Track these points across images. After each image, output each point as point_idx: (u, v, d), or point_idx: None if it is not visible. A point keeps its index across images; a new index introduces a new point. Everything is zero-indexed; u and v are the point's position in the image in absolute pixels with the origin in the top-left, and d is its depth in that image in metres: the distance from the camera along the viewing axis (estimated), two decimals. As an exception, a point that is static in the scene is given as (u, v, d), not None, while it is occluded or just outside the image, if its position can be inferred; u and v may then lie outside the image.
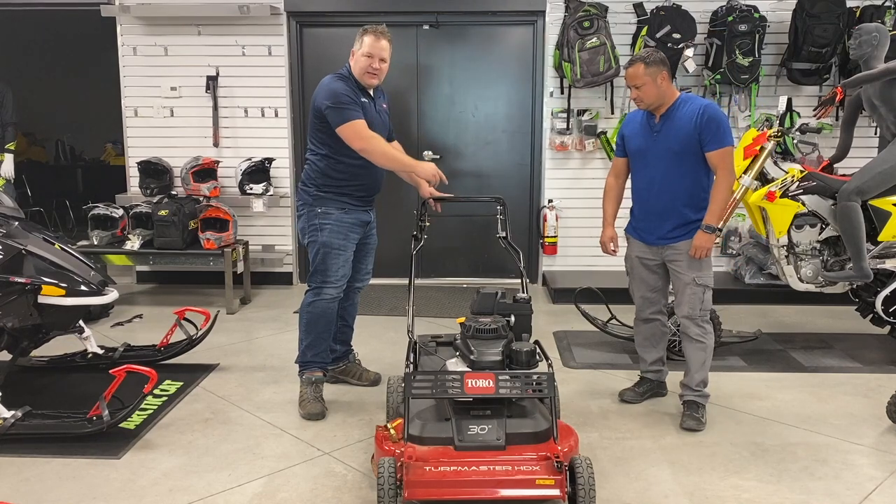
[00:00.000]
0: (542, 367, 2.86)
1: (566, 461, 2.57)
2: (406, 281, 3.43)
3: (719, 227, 3.44)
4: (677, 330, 4.23)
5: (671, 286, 3.68)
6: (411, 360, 3.01)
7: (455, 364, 2.94)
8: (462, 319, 3.05)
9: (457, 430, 2.66)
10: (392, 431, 2.74)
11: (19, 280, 3.35)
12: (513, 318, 3.08)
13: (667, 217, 3.48)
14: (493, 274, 6.45)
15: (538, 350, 2.91)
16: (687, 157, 3.40)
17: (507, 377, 2.72)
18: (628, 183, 3.71)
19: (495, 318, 2.97)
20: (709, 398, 3.55)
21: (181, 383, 3.94)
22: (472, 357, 2.83)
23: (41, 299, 3.41)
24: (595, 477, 2.56)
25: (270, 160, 5.97)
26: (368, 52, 3.52)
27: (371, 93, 3.64)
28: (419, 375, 2.76)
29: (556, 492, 2.49)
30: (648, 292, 3.67)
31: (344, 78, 3.56)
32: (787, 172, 4.34)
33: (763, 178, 4.35)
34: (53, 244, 3.64)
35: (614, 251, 3.75)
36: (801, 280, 4.42)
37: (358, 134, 3.44)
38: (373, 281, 6.16)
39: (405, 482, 2.46)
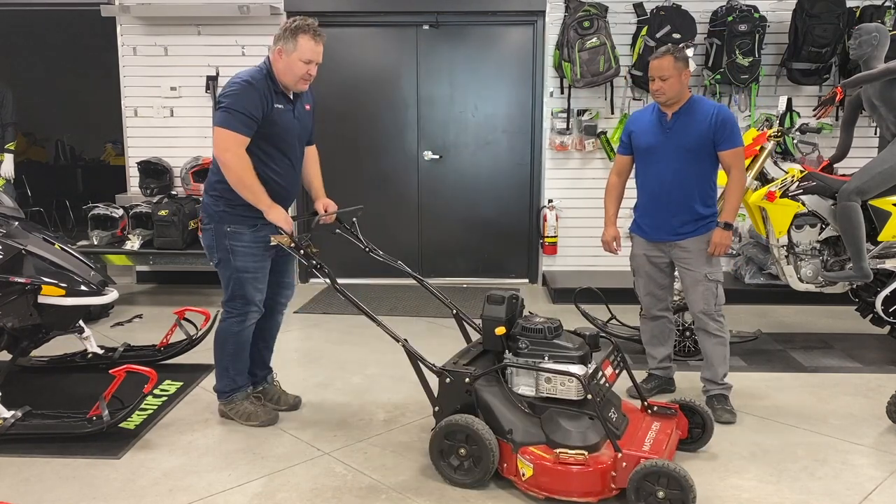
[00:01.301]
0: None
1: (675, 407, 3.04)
2: (406, 281, 3.38)
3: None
4: (680, 331, 4.24)
5: (677, 283, 3.72)
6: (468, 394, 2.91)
7: (557, 366, 2.85)
8: (502, 330, 2.97)
9: (610, 423, 2.77)
10: (577, 452, 2.66)
11: (19, 280, 3.34)
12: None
13: (677, 212, 3.52)
14: (493, 274, 6.46)
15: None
16: (700, 155, 3.47)
17: (613, 361, 3.04)
18: (630, 182, 3.72)
19: (545, 317, 3.02)
20: (731, 388, 3.65)
21: (181, 383, 3.94)
22: (575, 353, 2.87)
23: (41, 299, 3.41)
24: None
25: (270, 160, 5.97)
26: (307, 58, 3.16)
27: (291, 95, 3.30)
28: (591, 379, 2.78)
29: (679, 434, 3.02)
30: (656, 289, 3.70)
31: (260, 76, 3.18)
32: (787, 172, 4.34)
33: (763, 178, 4.35)
34: (53, 244, 3.63)
35: (617, 250, 3.76)
36: (801, 280, 4.42)
37: (226, 145, 3.09)
38: (374, 281, 6.22)
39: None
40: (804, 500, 2.81)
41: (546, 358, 2.89)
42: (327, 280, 3.20)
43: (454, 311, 3.35)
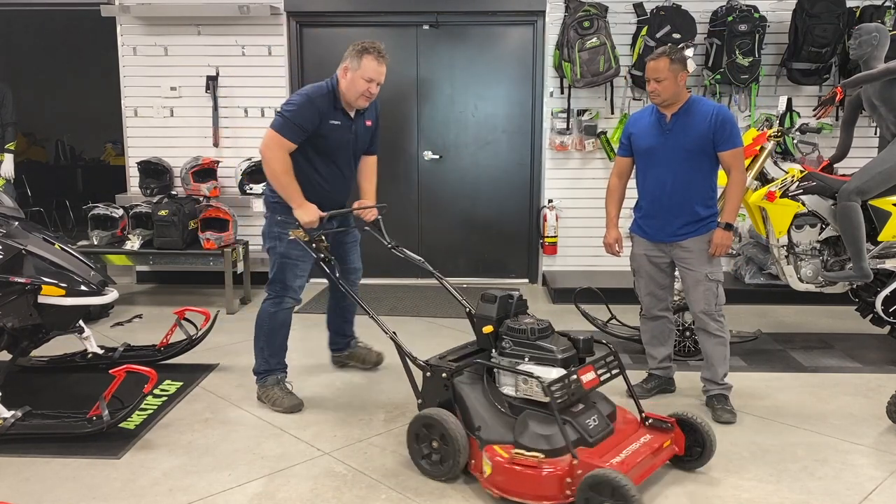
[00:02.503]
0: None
1: (672, 421, 2.90)
2: (406, 281, 3.40)
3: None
4: (680, 331, 4.24)
5: (677, 283, 3.72)
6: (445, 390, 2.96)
7: (533, 368, 2.83)
8: (490, 329, 2.98)
9: (582, 429, 2.73)
10: (533, 454, 2.64)
11: (19, 280, 3.34)
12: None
13: (678, 214, 3.52)
14: (493, 274, 6.46)
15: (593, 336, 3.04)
16: (699, 156, 3.47)
17: (598, 366, 2.91)
18: (630, 183, 3.72)
19: (535, 318, 2.98)
20: (731, 388, 3.63)
21: (181, 383, 3.94)
22: (555, 355, 2.82)
23: (41, 299, 3.41)
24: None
25: (270, 160, 5.97)
26: (369, 77, 3.42)
27: (353, 112, 3.58)
28: (556, 384, 2.69)
29: (673, 449, 2.90)
30: (656, 289, 3.70)
31: (323, 93, 3.48)
32: (787, 172, 4.34)
33: (763, 178, 4.35)
34: (53, 244, 3.63)
35: (619, 252, 3.77)
36: (801, 280, 4.42)
37: (273, 145, 3.41)
38: (375, 281, 6.22)
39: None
40: (804, 500, 2.81)
41: (526, 359, 2.87)
42: (333, 273, 3.46)
43: (467, 310, 3.35)
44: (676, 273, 3.69)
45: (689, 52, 5.65)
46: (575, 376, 2.79)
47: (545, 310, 5.60)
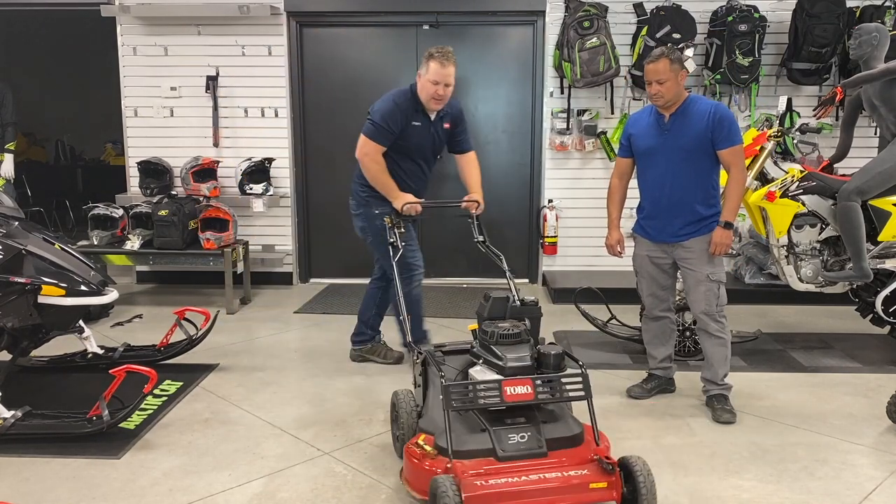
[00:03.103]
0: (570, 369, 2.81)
1: (614, 462, 2.53)
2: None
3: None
4: (680, 331, 4.24)
5: (679, 284, 3.71)
6: (419, 374, 3.01)
7: (481, 372, 2.83)
8: (474, 326, 3.01)
9: (497, 441, 2.60)
10: (427, 448, 2.65)
11: (19, 280, 3.34)
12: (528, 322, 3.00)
13: (679, 214, 3.52)
14: (493, 274, 6.44)
15: (565, 352, 2.84)
16: (698, 155, 3.46)
17: (542, 381, 2.68)
18: (633, 183, 3.72)
19: (514, 323, 2.91)
20: (731, 389, 3.63)
21: (181, 383, 3.94)
22: (502, 363, 2.73)
23: (41, 299, 3.41)
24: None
25: (270, 160, 5.97)
26: (434, 79, 3.71)
27: (432, 115, 3.88)
28: (456, 387, 2.64)
29: (609, 494, 2.48)
30: (658, 290, 3.70)
31: (406, 97, 3.83)
32: (787, 172, 4.34)
33: (763, 178, 4.35)
34: (53, 244, 3.63)
35: (621, 253, 3.76)
36: (801, 280, 4.42)
37: (366, 150, 3.84)
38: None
39: (464, 499, 2.35)
40: (804, 500, 2.81)
41: (481, 361, 2.86)
42: (392, 258, 3.51)
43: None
44: (679, 273, 3.69)
45: (689, 52, 5.67)
46: (495, 386, 2.65)
47: (545, 310, 5.59)
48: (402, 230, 3.69)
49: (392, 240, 3.57)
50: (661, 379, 3.83)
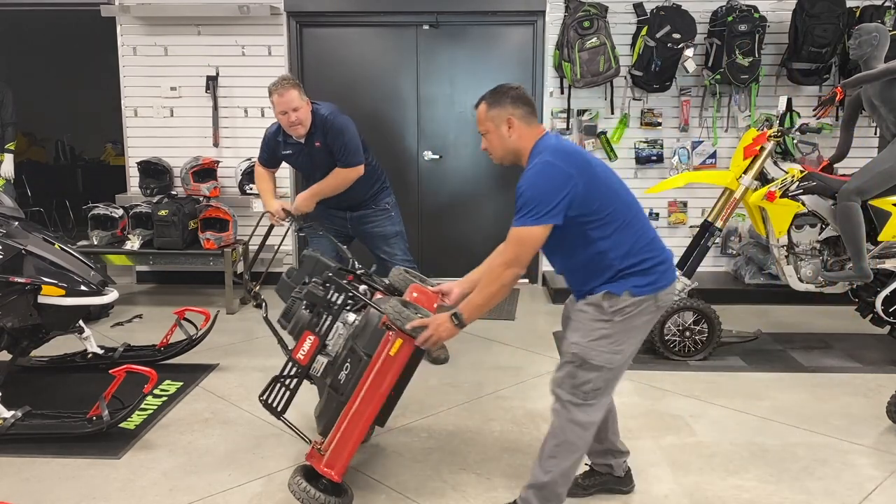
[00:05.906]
0: None
1: None
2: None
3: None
4: (680, 331, 4.24)
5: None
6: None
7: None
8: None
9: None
10: None
11: (19, 280, 3.35)
12: None
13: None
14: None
15: None
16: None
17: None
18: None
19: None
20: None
21: (181, 383, 3.94)
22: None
23: (41, 299, 3.41)
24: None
25: (270, 160, 5.97)
26: (280, 111, 3.78)
27: (301, 139, 3.94)
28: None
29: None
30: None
31: (273, 128, 4.04)
32: (787, 172, 4.33)
33: (763, 178, 4.34)
34: (53, 244, 3.64)
35: None
36: (801, 280, 4.42)
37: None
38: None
39: None
40: (804, 500, 2.81)
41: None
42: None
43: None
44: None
45: (689, 52, 5.68)
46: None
47: (545, 310, 5.61)
48: (301, 233, 4.07)
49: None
50: (604, 476, 2.85)
